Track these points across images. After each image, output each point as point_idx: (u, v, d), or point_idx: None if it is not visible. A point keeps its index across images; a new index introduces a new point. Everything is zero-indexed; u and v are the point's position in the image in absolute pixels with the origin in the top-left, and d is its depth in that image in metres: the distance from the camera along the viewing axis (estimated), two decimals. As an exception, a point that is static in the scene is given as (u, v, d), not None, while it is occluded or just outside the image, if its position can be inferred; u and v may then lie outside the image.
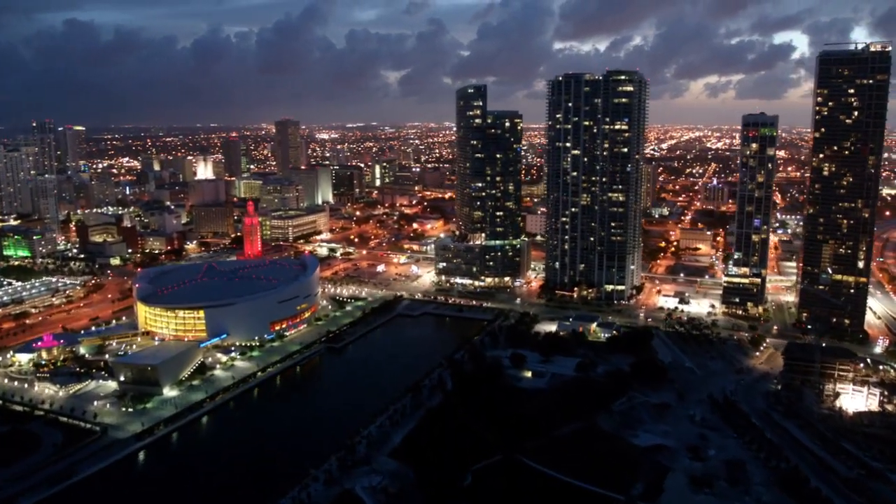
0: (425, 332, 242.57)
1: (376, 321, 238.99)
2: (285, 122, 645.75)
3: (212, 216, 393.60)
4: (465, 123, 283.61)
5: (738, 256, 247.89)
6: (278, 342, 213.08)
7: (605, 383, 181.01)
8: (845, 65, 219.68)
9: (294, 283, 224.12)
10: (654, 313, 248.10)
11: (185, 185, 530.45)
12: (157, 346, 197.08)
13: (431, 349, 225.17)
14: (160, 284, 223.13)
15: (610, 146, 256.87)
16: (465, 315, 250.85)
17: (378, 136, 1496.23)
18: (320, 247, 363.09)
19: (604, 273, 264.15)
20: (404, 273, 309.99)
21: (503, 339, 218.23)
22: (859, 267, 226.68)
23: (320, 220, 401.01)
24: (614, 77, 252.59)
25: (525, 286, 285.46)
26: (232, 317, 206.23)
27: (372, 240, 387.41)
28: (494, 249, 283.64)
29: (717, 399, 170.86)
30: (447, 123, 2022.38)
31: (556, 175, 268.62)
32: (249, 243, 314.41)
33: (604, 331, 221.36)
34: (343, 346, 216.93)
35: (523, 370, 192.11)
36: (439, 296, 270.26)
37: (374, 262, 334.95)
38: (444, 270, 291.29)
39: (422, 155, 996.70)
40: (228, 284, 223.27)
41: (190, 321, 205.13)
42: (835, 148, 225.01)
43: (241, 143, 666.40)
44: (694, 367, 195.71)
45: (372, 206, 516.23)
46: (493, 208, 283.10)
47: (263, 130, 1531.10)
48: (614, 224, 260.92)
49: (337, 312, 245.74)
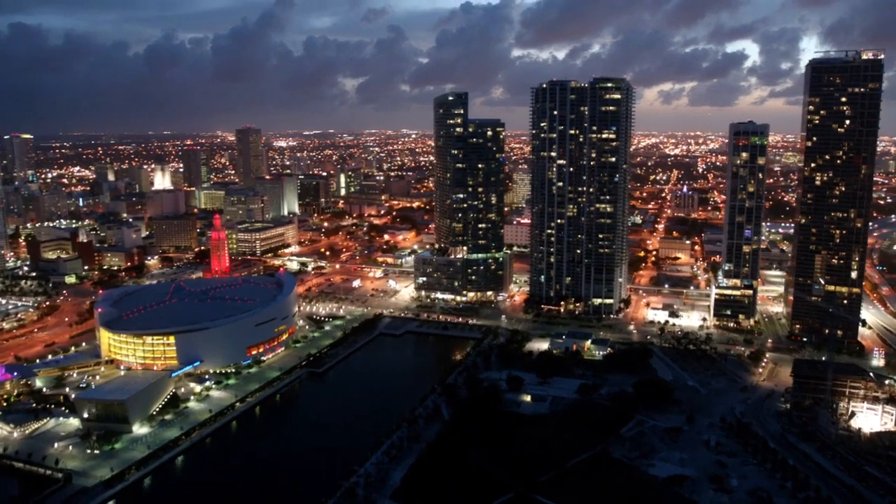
0: (410, 352, 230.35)
1: (358, 342, 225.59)
2: (246, 131, 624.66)
3: (173, 229, 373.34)
4: (445, 132, 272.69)
5: (728, 268, 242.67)
6: (255, 368, 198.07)
7: (609, 406, 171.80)
8: (837, 73, 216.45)
9: (271, 304, 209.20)
10: (645, 328, 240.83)
11: (143, 195, 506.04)
12: (124, 376, 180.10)
13: (419, 372, 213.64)
14: (125, 308, 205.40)
15: (597, 155, 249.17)
16: (450, 333, 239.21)
17: (336, 143, 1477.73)
18: (290, 261, 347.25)
19: (591, 286, 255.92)
20: (381, 288, 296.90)
21: (495, 359, 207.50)
22: (852, 277, 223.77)
23: (289, 233, 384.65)
24: (601, 84, 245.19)
25: (508, 301, 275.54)
26: (205, 342, 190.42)
27: (343, 252, 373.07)
28: (477, 263, 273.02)
29: (729, 421, 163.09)
30: (404, 130, 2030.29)
31: (541, 185, 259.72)
32: (216, 259, 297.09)
33: (599, 348, 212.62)
34: (325, 371, 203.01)
35: (522, 394, 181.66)
36: (421, 312, 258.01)
37: (348, 276, 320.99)
38: (423, 285, 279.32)
39: (383, 163, 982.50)
40: (200, 307, 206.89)
41: (159, 348, 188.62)
42: (826, 157, 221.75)
43: (201, 152, 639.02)
44: (697, 386, 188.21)
45: (339, 217, 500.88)
46: (474, 220, 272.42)
47: (219, 138, 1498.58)
48: (602, 236, 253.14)
49: (315, 333, 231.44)
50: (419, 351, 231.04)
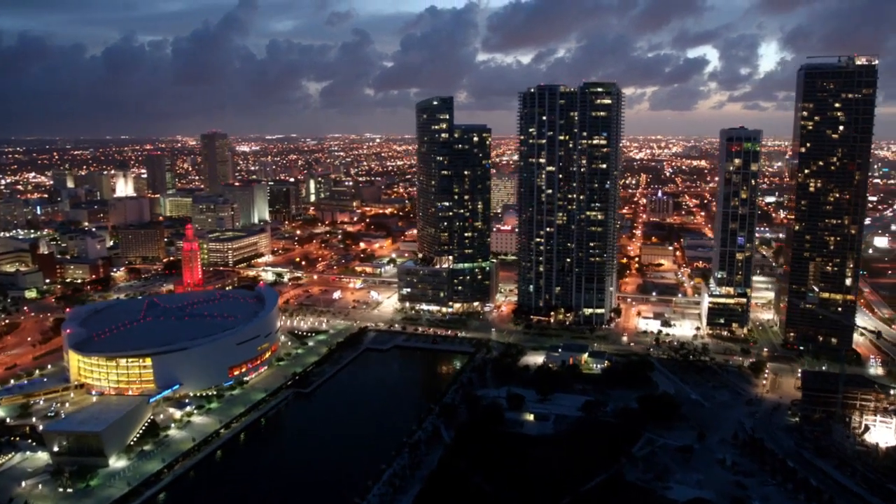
0: (399, 368, 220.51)
1: (344, 358, 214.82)
2: (212, 136, 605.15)
3: (140, 239, 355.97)
4: (430, 138, 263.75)
5: (720, 275, 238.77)
6: (238, 390, 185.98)
7: (616, 424, 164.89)
8: (831, 79, 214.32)
9: (253, 320, 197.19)
10: (639, 338, 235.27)
11: (105, 203, 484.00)
12: (97, 403, 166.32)
13: (410, 389, 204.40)
14: (95, 327, 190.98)
15: (588, 162, 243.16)
16: (439, 347, 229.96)
17: (300, 148, 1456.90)
18: (265, 271, 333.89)
19: (582, 296, 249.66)
20: (363, 299, 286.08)
21: (490, 375, 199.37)
22: (847, 284, 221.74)
23: (262, 242, 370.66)
24: (591, 89, 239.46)
25: (495, 311, 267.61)
26: (185, 364, 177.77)
27: (319, 262, 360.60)
28: (463, 273, 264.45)
29: (741, 438, 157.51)
30: (368, 135, 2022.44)
31: (530, 193, 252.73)
32: (189, 271, 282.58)
33: (596, 361, 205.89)
34: (312, 391, 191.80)
35: (523, 413, 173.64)
36: (407, 325, 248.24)
37: (326, 287, 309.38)
38: (408, 296, 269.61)
39: (350, 168, 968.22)
40: (177, 325, 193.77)
41: (135, 371, 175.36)
42: (820, 163, 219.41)
43: (165, 158, 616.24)
44: (701, 400, 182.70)
45: (311, 224, 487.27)
46: (460, 229, 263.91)
47: (180, 143, 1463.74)
48: (593, 244, 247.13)
49: (299, 349, 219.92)
50: (408, 367, 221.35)
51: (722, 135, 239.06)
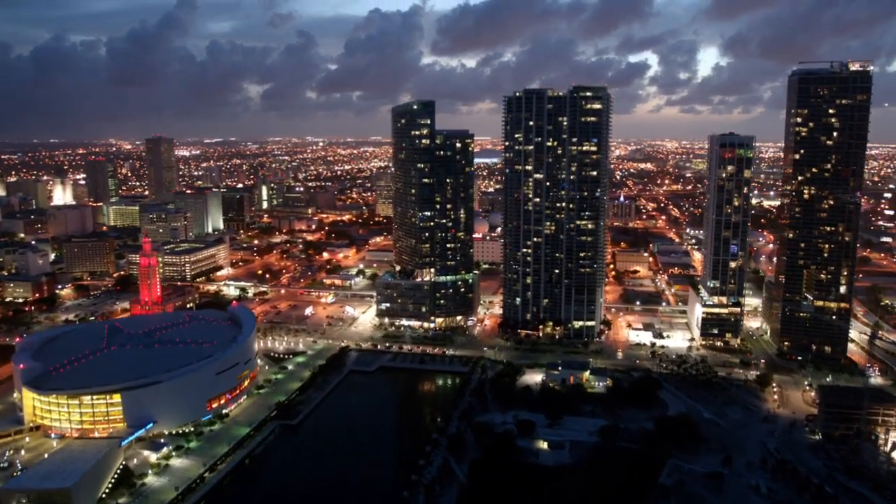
0: (388, 392, 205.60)
1: (328, 383, 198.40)
2: (157, 140, 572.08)
3: (87, 252, 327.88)
4: (410, 144, 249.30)
5: (713, 285, 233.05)
6: (218, 424, 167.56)
7: (637, 451, 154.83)
8: (825, 84, 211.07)
9: (232, 346, 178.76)
10: (633, 351, 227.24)
11: (42, 212, 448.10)
12: (60, 450, 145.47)
13: (405, 416, 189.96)
14: (51, 359, 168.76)
15: (577, 169, 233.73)
16: (428, 367, 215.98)
17: (242, 152, 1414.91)
18: (227, 286, 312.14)
19: (571, 308, 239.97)
20: (337, 315, 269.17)
21: (491, 397, 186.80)
22: (842, 292, 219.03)
23: (220, 254, 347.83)
24: (581, 93, 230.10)
25: (479, 326, 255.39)
26: (160, 399, 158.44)
27: (283, 274, 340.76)
28: (445, 286, 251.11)
29: (770, 462, 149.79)
30: (310, 138, 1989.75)
31: (516, 202, 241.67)
32: (146, 288, 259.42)
33: (598, 379, 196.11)
34: (299, 422, 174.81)
35: (535, 440, 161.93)
36: (389, 343, 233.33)
37: (295, 302, 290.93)
38: (387, 312, 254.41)
39: (298, 173, 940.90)
40: (147, 354, 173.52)
41: (101, 410, 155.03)
42: (814, 170, 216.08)
43: (108, 163, 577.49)
44: (714, 418, 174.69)
45: (268, 233, 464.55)
46: (442, 240, 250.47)
47: (115, 147, 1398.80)
48: (583, 254, 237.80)
49: (278, 375, 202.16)
50: (398, 390, 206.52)
51: (712, 140, 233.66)
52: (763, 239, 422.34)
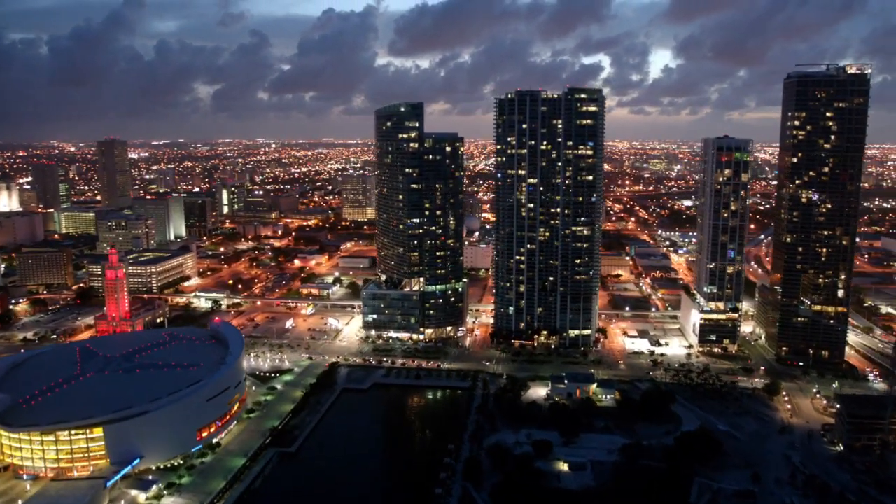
0: (386, 411, 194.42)
1: (322, 404, 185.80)
2: (110, 143, 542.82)
3: (42, 263, 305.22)
4: (397, 148, 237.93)
5: (710, 290, 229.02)
6: (210, 455, 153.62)
7: (661, 469, 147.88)
8: (823, 87, 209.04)
9: (222, 368, 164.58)
10: (631, 360, 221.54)
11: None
12: (37, 494, 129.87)
13: (408, 437, 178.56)
14: (19, 389, 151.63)
15: (573, 173, 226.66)
16: (424, 383, 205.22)
17: (193, 154, 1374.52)
18: (197, 297, 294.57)
19: (567, 317, 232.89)
20: (319, 327, 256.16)
21: (497, 414, 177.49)
22: (839, 296, 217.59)
23: (187, 263, 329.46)
24: (577, 95, 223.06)
25: (469, 336, 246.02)
26: (146, 431, 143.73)
27: (255, 284, 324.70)
28: (435, 296, 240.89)
29: (798, 477, 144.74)
30: (261, 140, 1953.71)
31: (509, 207, 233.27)
32: (113, 302, 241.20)
33: (606, 392, 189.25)
34: (297, 449, 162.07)
35: (553, 461, 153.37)
36: (380, 358, 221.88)
37: (272, 314, 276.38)
38: (374, 324, 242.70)
39: (255, 175, 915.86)
40: (128, 380, 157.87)
41: (81, 446, 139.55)
42: (812, 173, 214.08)
43: (59, 167, 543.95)
44: (730, 431, 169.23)
45: (233, 240, 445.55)
46: (432, 248, 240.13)
47: (57, 149, 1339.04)
48: (579, 261, 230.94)
49: (267, 396, 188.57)
50: (396, 409, 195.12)
51: (708, 144, 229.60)
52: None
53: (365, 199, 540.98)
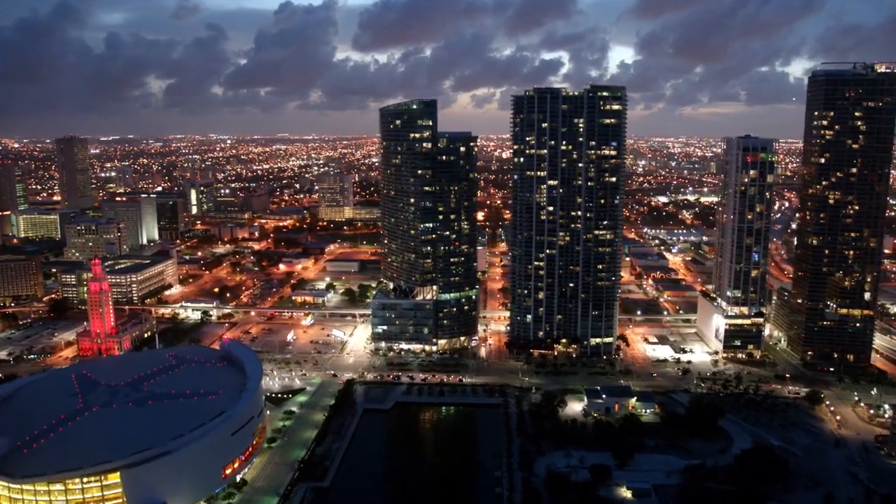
0: (415, 434, 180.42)
1: (345, 428, 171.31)
2: (69, 140, 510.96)
3: (8, 273, 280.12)
4: (408, 148, 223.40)
5: (734, 294, 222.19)
6: (238, 496, 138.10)
7: (730, 492, 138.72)
8: (852, 86, 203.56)
9: (244, 396, 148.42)
10: (658, 368, 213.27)
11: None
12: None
13: (449, 463, 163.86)
14: (15, 431, 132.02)
15: (596, 174, 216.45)
16: (449, 400, 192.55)
17: (146, 150, 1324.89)
18: (183, 308, 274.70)
19: (588, 324, 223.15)
20: (322, 340, 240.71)
21: (538, 434, 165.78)
22: (866, 299, 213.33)
23: (168, 270, 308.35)
24: (600, 93, 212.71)
25: (483, 346, 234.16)
26: (169, 474, 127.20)
27: (242, 291, 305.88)
28: (449, 304, 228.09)
29: (873, 498, 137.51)
30: (214, 136, 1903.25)
31: (528, 210, 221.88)
32: (98, 317, 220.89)
33: (646, 406, 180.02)
34: (331, 483, 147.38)
35: (612, 486, 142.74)
36: (396, 372, 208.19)
37: (268, 325, 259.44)
38: (384, 335, 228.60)
39: (216, 173, 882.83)
40: (141, 414, 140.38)
41: (94, 494, 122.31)
42: (839, 174, 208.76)
43: (15, 166, 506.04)
44: (785, 445, 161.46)
45: (209, 243, 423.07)
46: (446, 254, 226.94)
47: (0, 146, 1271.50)
48: (601, 266, 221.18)
49: (286, 421, 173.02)
50: (425, 431, 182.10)
51: (731, 144, 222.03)
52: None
53: (342, 199, 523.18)
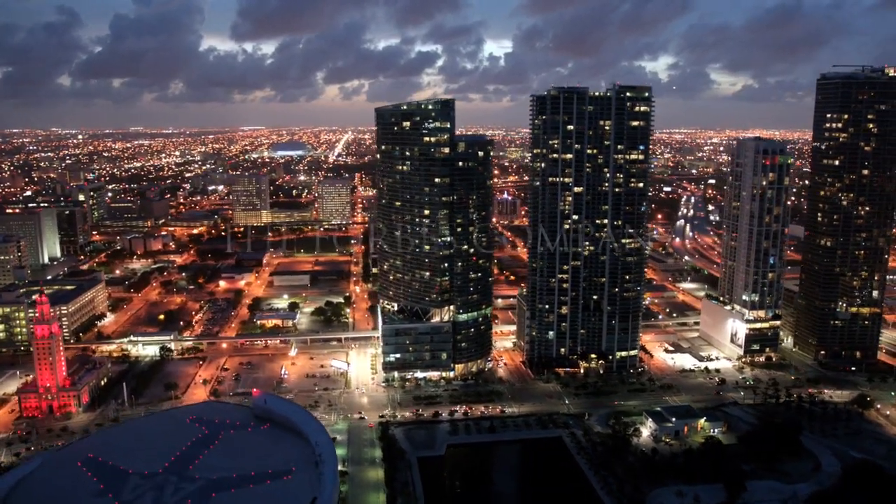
0: (489, 482, 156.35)
1: (409, 485, 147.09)
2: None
3: None
4: (422, 154, 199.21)
5: (750, 298, 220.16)
6: None
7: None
8: (865, 90, 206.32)
9: (325, 473, 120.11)
10: (688, 379, 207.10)
11: None
12: None
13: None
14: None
15: (623, 180, 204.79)
16: (503, 438, 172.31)
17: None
18: (133, 344, 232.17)
19: (615, 338, 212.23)
20: (320, 372, 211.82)
21: (627, 469, 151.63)
22: (874, 298, 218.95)
23: (98, 297, 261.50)
24: (628, 94, 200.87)
25: (496, 366, 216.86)
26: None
27: (192, 317, 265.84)
28: (467, 325, 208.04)
29: None
30: (58, 130, 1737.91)
31: (551, 219, 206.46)
32: (47, 369, 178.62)
33: (714, 426, 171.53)
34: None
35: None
36: (426, 408, 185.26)
37: (244, 358, 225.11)
38: (397, 364, 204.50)
39: (86, 174, 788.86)
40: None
41: None
42: (852, 176, 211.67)
43: None
44: (871, 458, 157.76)
45: (120, 258, 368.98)
46: (464, 270, 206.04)
47: None
48: (628, 277, 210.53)
49: (342, 486, 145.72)
50: (496, 476, 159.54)
51: (744, 146, 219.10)
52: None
53: (259, 202, 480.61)
